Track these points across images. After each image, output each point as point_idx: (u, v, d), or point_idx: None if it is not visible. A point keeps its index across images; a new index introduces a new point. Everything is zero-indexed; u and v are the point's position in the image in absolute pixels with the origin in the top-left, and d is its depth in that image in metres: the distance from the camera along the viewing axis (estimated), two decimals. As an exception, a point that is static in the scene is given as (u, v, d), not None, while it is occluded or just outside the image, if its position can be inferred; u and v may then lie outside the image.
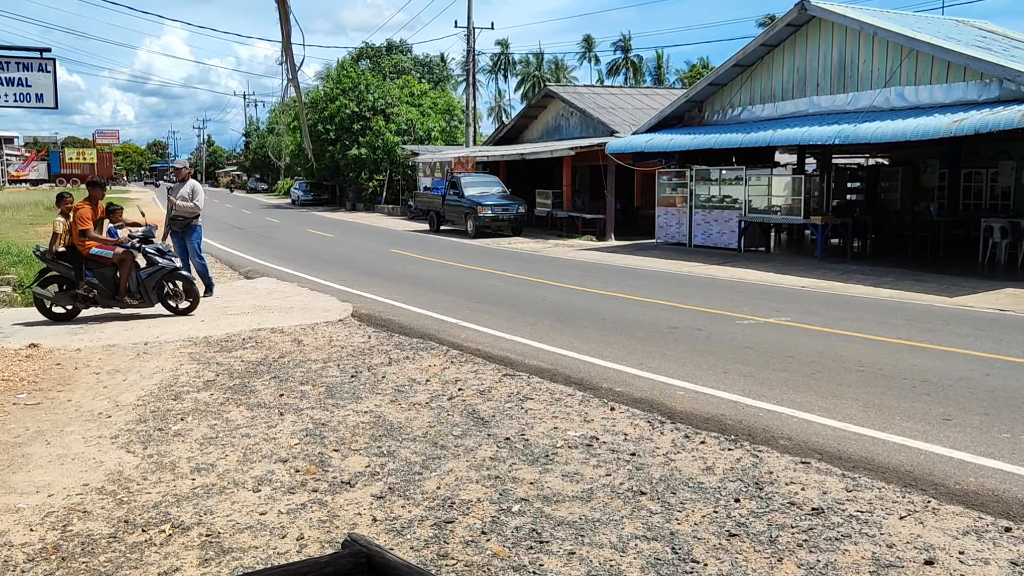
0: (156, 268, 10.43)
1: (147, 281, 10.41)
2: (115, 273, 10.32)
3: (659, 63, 74.51)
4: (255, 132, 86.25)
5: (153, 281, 10.46)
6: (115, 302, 10.43)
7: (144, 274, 10.42)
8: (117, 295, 10.36)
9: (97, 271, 10.30)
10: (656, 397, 6.66)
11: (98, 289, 10.31)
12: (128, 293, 10.36)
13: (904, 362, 7.87)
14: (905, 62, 15.90)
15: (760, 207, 19.66)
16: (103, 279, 10.32)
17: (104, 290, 10.33)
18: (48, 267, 10.37)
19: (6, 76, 10.96)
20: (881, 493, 4.68)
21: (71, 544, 4.13)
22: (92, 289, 10.28)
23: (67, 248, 10.33)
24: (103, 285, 10.32)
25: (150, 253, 10.49)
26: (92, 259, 10.26)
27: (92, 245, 10.25)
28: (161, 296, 10.65)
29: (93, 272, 10.27)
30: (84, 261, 10.23)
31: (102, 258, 10.28)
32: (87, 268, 10.25)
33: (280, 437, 5.75)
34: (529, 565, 3.86)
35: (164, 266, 10.48)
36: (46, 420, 6.23)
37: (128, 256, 10.31)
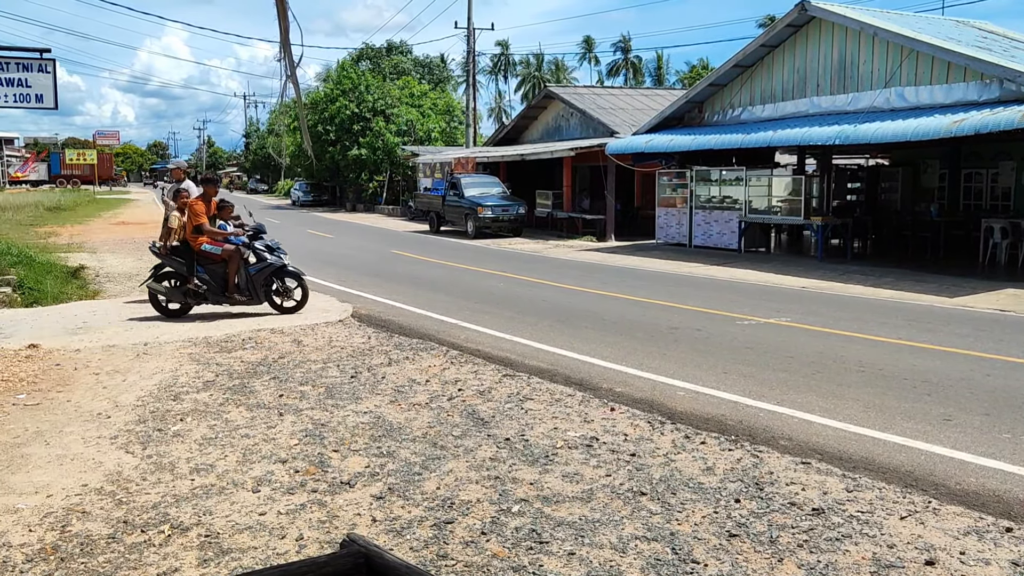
0: (264, 265, 10.44)
1: (255, 278, 10.43)
2: (224, 269, 10.37)
3: (659, 64, 74.57)
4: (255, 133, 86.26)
5: (261, 278, 10.47)
6: (224, 299, 10.48)
7: (253, 270, 10.44)
8: (226, 292, 10.40)
9: (207, 267, 10.38)
10: (656, 397, 6.65)
11: (208, 286, 10.38)
12: (237, 290, 10.40)
13: (904, 362, 7.86)
14: (905, 62, 15.89)
15: (760, 208, 19.65)
16: (213, 275, 10.39)
17: (214, 286, 10.40)
18: (162, 263, 10.49)
19: (6, 77, 10.97)
20: (882, 493, 4.67)
21: (70, 545, 4.12)
22: (202, 285, 10.36)
23: (180, 243, 10.55)
24: (213, 281, 10.38)
25: (259, 249, 10.51)
26: (203, 255, 10.35)
27: (203, 241, 10.32)
28: (269, 293, 10.64)
29: (204, 268, 10.36)
30: (196, 257, 10.34)
31: (212, 254, 10.36)
32: (198, 264, 10.35)
33: (280, 438, 5.75)
34: (529, 566, 3.85)
35: (272, 263, 10.47)
36: (45, 420, 6.22)
37: (236, 252, 10.34)
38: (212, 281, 10.36)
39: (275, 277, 10.59)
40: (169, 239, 10.69)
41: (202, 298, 10.41)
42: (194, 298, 10.42)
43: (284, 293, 10.72)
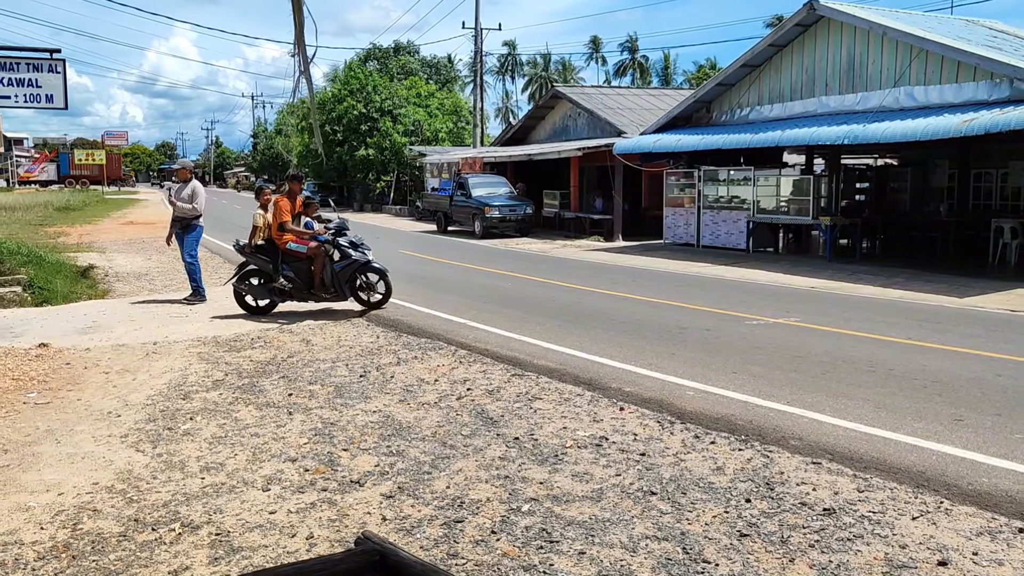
0: (349, 261, 10.45)
1: (340, 274, 10.44)
2: (310, 267, 10.46)
3: (666, 64, 74.49)
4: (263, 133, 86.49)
5: (346, 275, 10.49)
6: (310, 296, 10.57)
7: (338, 267, 10.46)
8: (312, 289, 10.49)
9: (293, 265, 10.47)
10: (666, 397, 6.63)
11: (293, 283, 10.45)
12: (322, 286, 10.46)
13: (915, 363, 7.82)
14: (915, 62, 15.83)
15: (768, 207, 19.60)
16: (298, 273, 10.48)
17: (299, 284, 10.48)
18: (247, 261, 10.61)
19: (16, 77, 11.04)
20: (893, 494, 4.65)
21: (81, 543, 4.13)
22: (288, 283, 10.45)
23: (265, 242, 10.60)
24: (298, 279, 10.46)
25: (343, 246, 10.51)
26: (288, 253, 10.45)
27: (289, 239, 10.44)
28: (354, 289, 10.67)
29: (289, 266, 10.46)
30: (281, 255, 10.43)
31: (297, 252, 10.45)
32: (283, 262, 10.45)
33: (289, 436, 5.75)
34: (539, 565, 3.84)
35: (357, 259, 10.47)
36: (56, 419, 6.24)
37: (321, 250, 10.40)
38: (298, 278, 10.46)
39: (359, 273, 10.62)
40: (254, 237, 10.73)
41: (288, 295, 10.52)
42: (280, 296, 10.53)
43: (368, 288, 10.74)
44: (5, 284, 11.83)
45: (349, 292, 10.61)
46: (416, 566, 1.63)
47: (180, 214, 11.85)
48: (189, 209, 11.76)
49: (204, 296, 11.88)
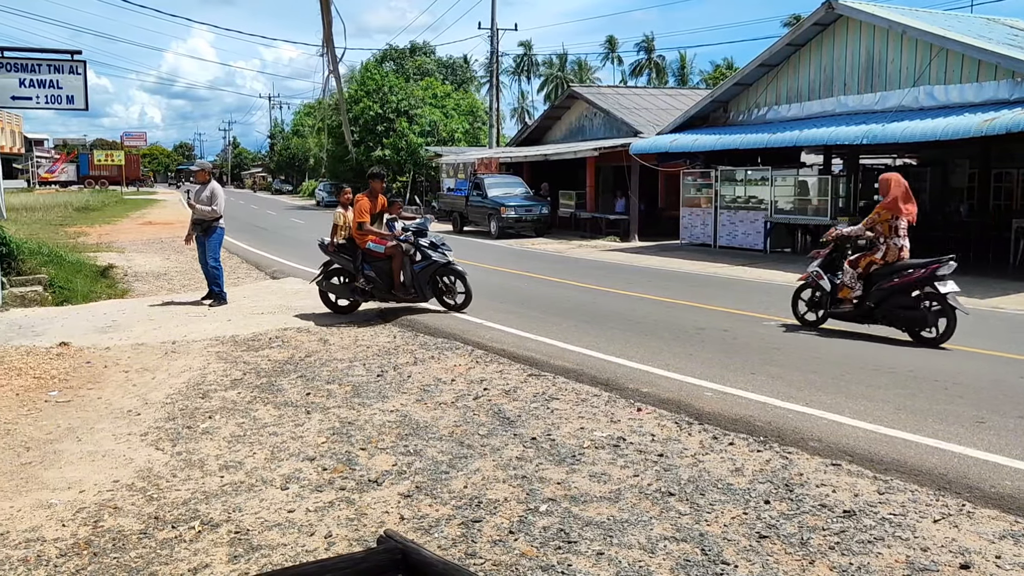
0: (428, 262, 10.29)
1: (420, 275, 10.30)
2: (390, 267, 10.36)
3: (682, 64, 74.21)
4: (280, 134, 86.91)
5: (426, 275, 10.35)
6: (390, 296, 10.49)
7: (417, 268, 10.31)
8: (392, 289, 10.40)
9: (373, 264, 10.40)
10: (683, 398, 6.60)
11: (374, 283, 10.40)
12: (402, 287, 10.36)
13: (935, 364, 7.76)
14: (935, 61, 15.70)
15: (786, 208, 19.50)
16: (379, 272, 10.39)
17: (380, 284, 10.40)
18: (330, 260, 10.64)
19: (38, 78, 11.15)
20: (914, 496, 4.61)
21: (102, 540, 4.17)
22: (369, 283, 10.40)
23: (346, 241, 10.59)
24: (379, 279, 10.39)
25: (423, 247, 10.34)
26: (368, 253, 10.41)
27: (369, 238, 10.37)
28: (436, 291, 10.57)
29: (370, 265, 10.40)
30: (362, 254, 10.41)
31: (376, 252, 10.38)
32: (364, 261, 10.41)
33: (307, 435, 5.77)
34: (558, 565, 3.83)
35: (436, 260, 10.32)
36: (77, 417, 6.29)
37: (399, 249, 10.26)
38: (378, 278, 10.39)
39: (439, 275, 10.49)
40: (335, 236, 10.71)
41: (368, 295, 10.48)
42: (361, 295, 10.48)
43: (449, 291, 10.60)
44: (27, 284, 11.94)
45: (431, 293, 10.48)
46: (438, 565, 1.63)
47: (199, 216, 11.65)
48: (208, 211, 11.55)
49: (225, 299, 11.72)
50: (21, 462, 5.31)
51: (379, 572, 1.62)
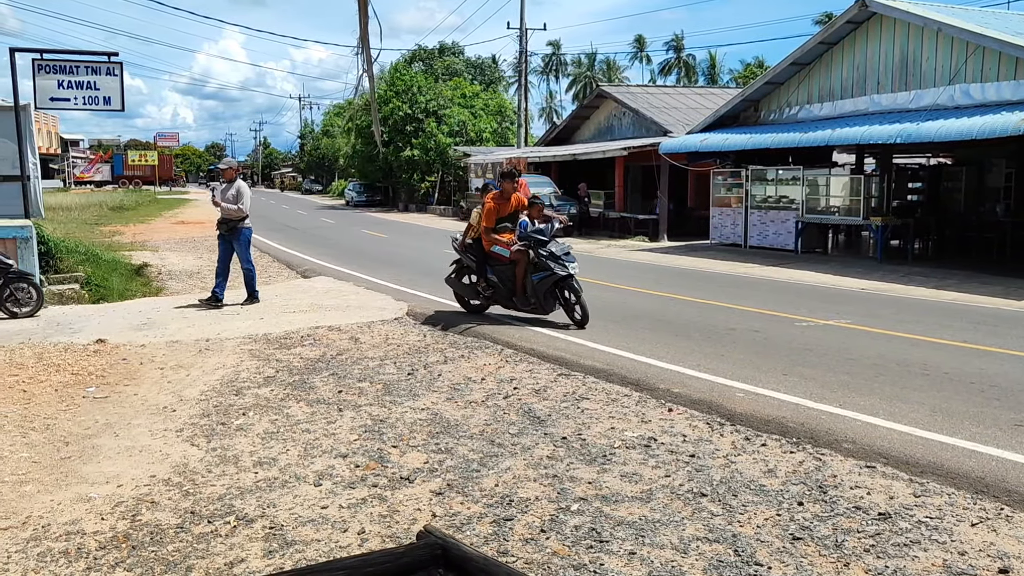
0: (547, 274, 9.59)
1: (538, 286, 9.66)
2: (514, 272, 9.90)
3: (712, 63, 73.74)
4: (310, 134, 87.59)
5: (544, 287, 9.67)
6: (511, 303, 10.09)
7: (535, 278, 9.68)
8: (513, 296, 10.00)
9: (496, 268, 10.04)
10: (715, 399, 6.57)
11: (496, 288, 10.07)
12: (523, 296, 9.88)
13: (971, 366, 7.64)
14: (971, 59, 15.46)
15: (818, 207, 19.31)
16: (501, 278, 10.00)
17: (502, 290, 10.05)
18: (460, 258, 10.50)
19: (76, 80, 11.34)
20: (951, 499, 4.55)
21: (140, 533, 4.23)
22: (490, 287, 10.11)
23: (474, 241, 10.29)
24: (502, 284, 10.00)
25: (542, 256, 9.60)
26: (493, 256, 10.08)
27: (494, 241, 10.02)
28: (564, 303, 9.77)
29: (493, 269, 10.06)
30: (486, 257, 10.11)
31: (500, 256, 9.97)
32: (488, 264, 10.11)
33: (340, 433, 5.82)
34: (590, 564, 3.83)
35: (555, 272, 9.53)
36: (114, 413, 6.40)
37: (523, 256, 9.74)
38: (501, 284, 10.00)
39: (558, 288, 9.73)
40: (467, 235, 10.41)
41: (490, 300, 10.22)
42: (483, 299, 10.25)
43: (567, 307, 9.75)
44: (64, 282, 12.16)
45: (553, 305, 9.85)
46: (479, 560, 1.65)
47: (226, 215, 11.45)
48: (235, 210, 11.33)
49: (258, 298, 11.71)
50: (60, 456, 5.42)
51: (419, 567, 1.64)
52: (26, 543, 4.13)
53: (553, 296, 9.77)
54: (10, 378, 7.38)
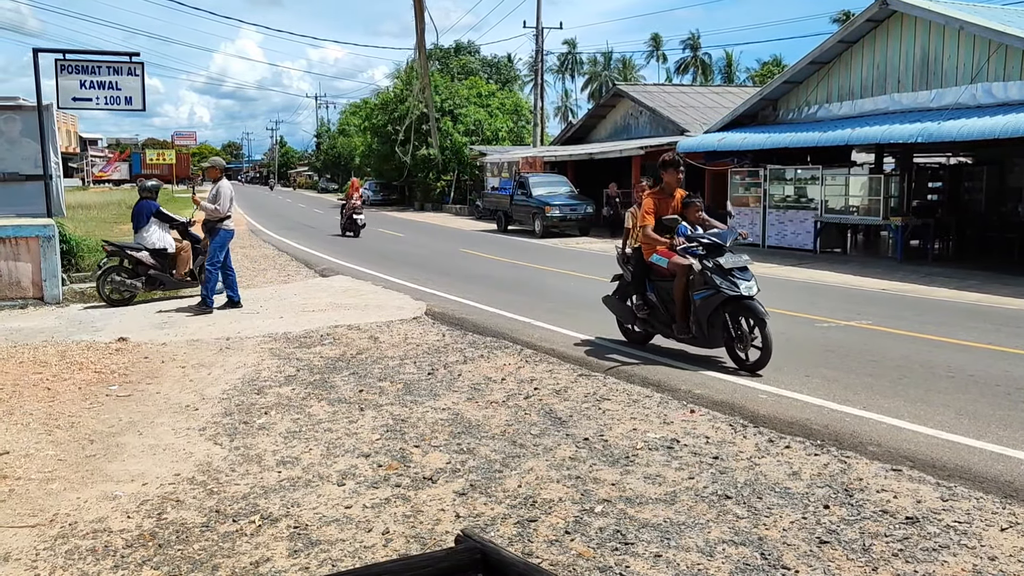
0: (711, 292, 7.42)
1: (700, 308, 7.55)
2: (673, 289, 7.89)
3: (728, 61, 73.49)
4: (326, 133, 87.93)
5: (707, 309, 7.49)
6: (669, 331, 8.07)
7: (697, 297, 7.57)
8: (673, 321, 7.96)
9: (657, 284, 8.11)
10: (737, 400, 6.54)
11: (653, 310, 8.15)
12: (683, 321, 7.81)
13: (996, 368, 7.57)
14: (993, 57, 15.31)
15: (837, 207, 19.19)
16: (661, 296, 8.06)
17: (660, 312, 8.08)
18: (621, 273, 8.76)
19: (98, 80, 11.42)
20: (979, 503, 4.50)
21: (166, 532, 4.25)
22: (646, 308, 8.21)
23: (634, 250, 8.47)
24: (660, 304, 8.07)
25: (708, 269, 7.50)
26: (652, 268, 8.15)
27: (655, 248, 8.07)
28: (731, 336, 7.52)
29: (653, 285, 8.16)
30: (646, 269, 8.20)
31: (659, 267, 8.07)
32: (649, 278, 8.22)
33: (361, 432, 5.83)
34: (615, 567, 3.82)
35: (723, 291, 7.36)
36: (137, 411, 6.44)
37: (685, 269, 7.69)
38: (659, 304, 8.07)
39: (727, 312, 7.49)
40: (626, 242, 8.70)
41: (646, 325, 8.32)
42: (640, 323, 8.35)
43: (742, 338, 7.45)
44: (85, 280, 12.25)
45: (718, 338, 7.60)
46: (519, 565, 1.64)
47: (206, 216, 10.98)
48: (211, 210, 10.82)
49: (211, 307, 10.86)
50: (86, 454, 5.45)
51: (460, 571, 1.63)
52: (54, 540, 4.16)
53: (722, 324, 7.56)
54: (34, 376, 7.44)
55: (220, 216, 10.83)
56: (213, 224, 10.91)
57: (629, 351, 8.41)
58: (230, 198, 10.93)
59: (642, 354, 8.27)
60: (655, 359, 8.02)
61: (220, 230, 10.86)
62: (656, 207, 8.06)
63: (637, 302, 8.27)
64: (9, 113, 11.94)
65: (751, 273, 7.62)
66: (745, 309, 7.38)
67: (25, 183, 11.96)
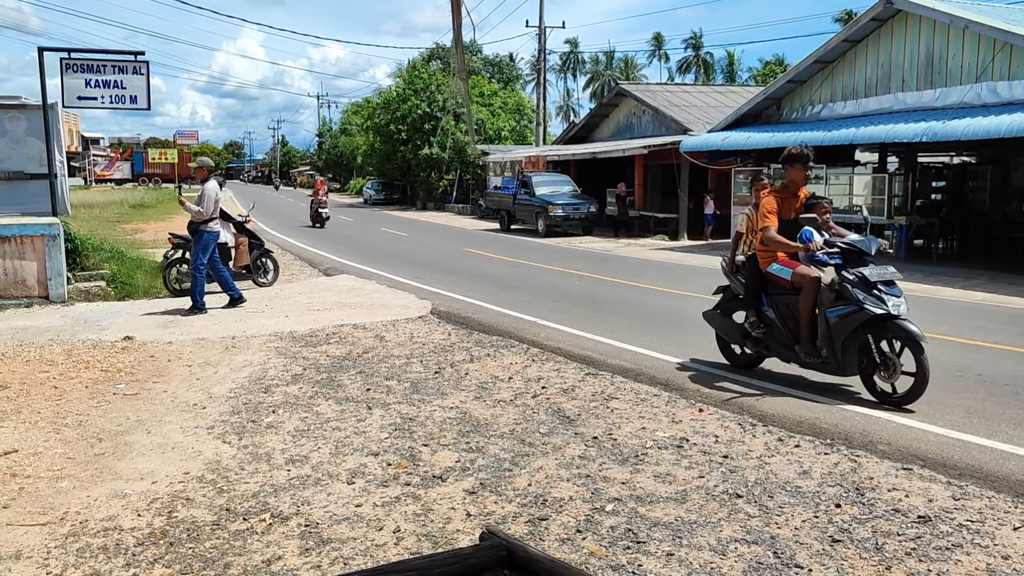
0: (850, 309, 6.30)
1: (835, 328, 6.37)
2: (798, 306, 6.63)
3: (730, 61, 73.41)
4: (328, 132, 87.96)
5: (845, 330, 6.34)
6: (791, 353, 6.83)
7: (832, 315, 6.40)
8: (796, 343, 6.70)
9: (776, 297, 6.90)
10: (746, 399, 6.52)
11: (770, 328, 6.93)
12: (810, 343, 6.54)
13: (1004, 368, 7.56)
14: (998, 56, 15.29)
15: (841, 206, 19.15)
16: (781, 312, 6.83)
17: (780, 332, 6.84)
18: (728, 284, 7.66)
19: (103, 79, 11.42)
20: (991, 503, 4.49)
21: (177, 530, 4.25)
22: (762, 325, 6.96)
23: (747, 258, 7.30)
24: (780, 322, 6.83)
25: (848, 281, 6.36)
26: (771, 279, 6.95)
27: (774, 257, 6.88)
28: (873, 360, 6.36)
29: (771, 299, 6.98)
30: (764, 281, 7.02)
31: (780, 279, 6.84)
32: (766, 292, 7.03)
33: (370, 431, 5.82)
34: (627, 565, 3.81)
35: (867, 309, 6.22)
36: (145, 410, 6.43)
37: (813, 282, 6.47)
38: (779, 322, 6.84)
39: (869, 333, 6.34)
40: (736, 250, 7.69)
41: (761, 345, 7.15)
42: (754, 344, 7.18)
43: (888, 365, 6.31)
44: (90, 279, 12.25)
45: (853, 364, 6.47)
46: (545, 562, 1.63)
47: (191, 217, 10.76)
48: (194, 211, 10.62)
49: (204, 309, 10.70)
50: (94, 453, 5.45)
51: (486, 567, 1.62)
52: (65, 538, 4.16)
53: (863, 348, 6.41)
54: (41, 374, 7.44)
55: (203, 219, 10.60)
56: (196, 226, 10.67)
57: (736, 376, 7.27)
58: (215, 200, 10.67)
59: (754, 381, 7.05)
60: (775, 389, 6.85)
61: (204, 232, 10.65)
62: (779, 209, 6.82)
63: (751, 319, 7.01)
64: (14, 112, 11.94)
65: (899, 288, 6.44)
66: (895, 330, 6.23)
67: (30, 182, 11.96)
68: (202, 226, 10.63)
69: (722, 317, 7.61)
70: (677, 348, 8.45)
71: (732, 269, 7.53)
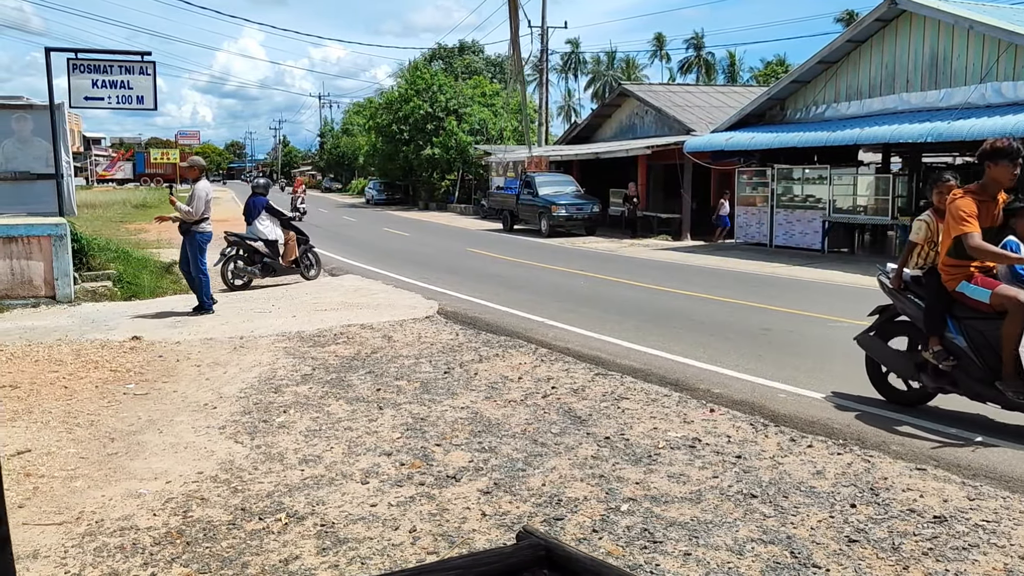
0: None
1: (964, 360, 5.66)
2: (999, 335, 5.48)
3: (732, 61, 73.42)
4: (329, 132, 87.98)
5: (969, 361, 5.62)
6: (988, 393, 5.67)
7: None
8: (996, 381, 5.53)
9: (967, 323, 5.71)
10: (757, 399, 6.53)
11: (961, 359, 5.76)
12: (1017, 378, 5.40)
13: (1013, 368, 7.54)
14: (1003, 57, 15.29)
15: (844, 207, 19.17)
16: (976, 343, 5.67)
17: (972, 363, 5.70)
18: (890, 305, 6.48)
19: (110, 79, 11.43)
20: (1007, 503, 4.49)
21: (193, 530, 4.25)
22: (950, 357, 5.78)
23: (924, 273, 6.17)
24: (973, 353, 5.67)
25: None
26: (961, 299, 5.76)
27: (967, 272, 5.72)
28: None
29: (961, 324, 5.77)
30: (951, 303, 5.83)
31: (975, 301, 5.66)
32: (951, 316, 5.82)
33: (382, 431, 5.83)
34: (645, 565, 3.81)
35: None
36: (155, 410, 6.43)
37: (1017, 303, 5.34)
38: (972, 353, 5.67)
39: None
40: (907, 261, 6.41)
41: (943, 380, 5.92)
42: (934, 377, 5.93)
43: None
44: (97, 279, 12.26)
45: None
46: (584, 561, 1.64)
47: (182, 218, 10.61)
48: (185, 212, 10.49)
49: (211, 309, 10.73)
50: (107, 452, 5.45)
51: (526, 566, 1.63)
52: (81, 538, 4.16)
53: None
54: (51, 374, 7.45)
55: (194, 219, 10.46)
56: (188, 227, 10.53)
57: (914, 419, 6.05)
58: (206, 200, 10.49)
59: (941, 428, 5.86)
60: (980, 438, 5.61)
61: (195, 233, 10.54)
62: (977, 213, 5.56)
63: (936, 349, 5.82)
64: (21, 112, 11.95)
65: None
66: None
67: (36, 182, 11.97)
68: (194, 227, 10.51)
69: (882, 343, 6.45)
70: (687, 349, 8.45)
71: (899, 286, 6.29)
